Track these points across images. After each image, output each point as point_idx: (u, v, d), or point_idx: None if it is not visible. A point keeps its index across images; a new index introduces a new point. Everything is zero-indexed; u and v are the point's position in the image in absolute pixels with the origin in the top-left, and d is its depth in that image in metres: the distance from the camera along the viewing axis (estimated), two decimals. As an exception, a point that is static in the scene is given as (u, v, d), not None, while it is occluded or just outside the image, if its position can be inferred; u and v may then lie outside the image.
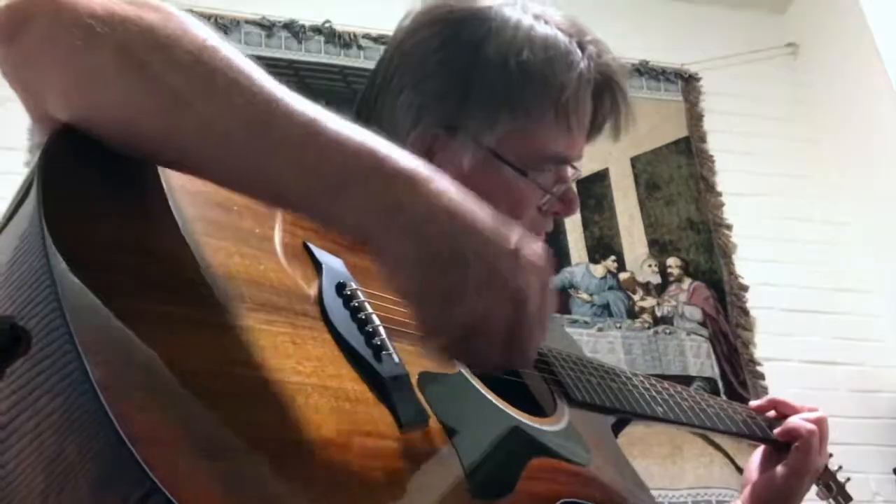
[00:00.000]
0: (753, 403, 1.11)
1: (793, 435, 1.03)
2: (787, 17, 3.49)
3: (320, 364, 0.54)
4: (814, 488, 1.12)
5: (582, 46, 0.86)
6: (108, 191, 0.51)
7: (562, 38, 0.85)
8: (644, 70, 3.20)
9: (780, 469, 1.03)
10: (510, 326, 0.55)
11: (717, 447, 2.52)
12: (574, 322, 2.72)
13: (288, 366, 0.51)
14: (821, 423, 1.05)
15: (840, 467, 1.17)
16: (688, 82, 3.23)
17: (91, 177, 0.51)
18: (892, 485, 2.66)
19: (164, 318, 0.46)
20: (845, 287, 2.99)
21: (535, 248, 0.57)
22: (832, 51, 3.27)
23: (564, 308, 2.74)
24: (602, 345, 2.70)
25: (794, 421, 1.05)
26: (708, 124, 3.17)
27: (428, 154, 0.82)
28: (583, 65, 0.85)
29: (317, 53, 2.89)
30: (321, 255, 0.64)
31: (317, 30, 2.91)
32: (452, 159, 0.82)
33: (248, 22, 2.86)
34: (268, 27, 2.87)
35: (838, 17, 3.22)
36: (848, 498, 1.16)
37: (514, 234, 0.56)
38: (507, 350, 0.56)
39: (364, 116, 0.88)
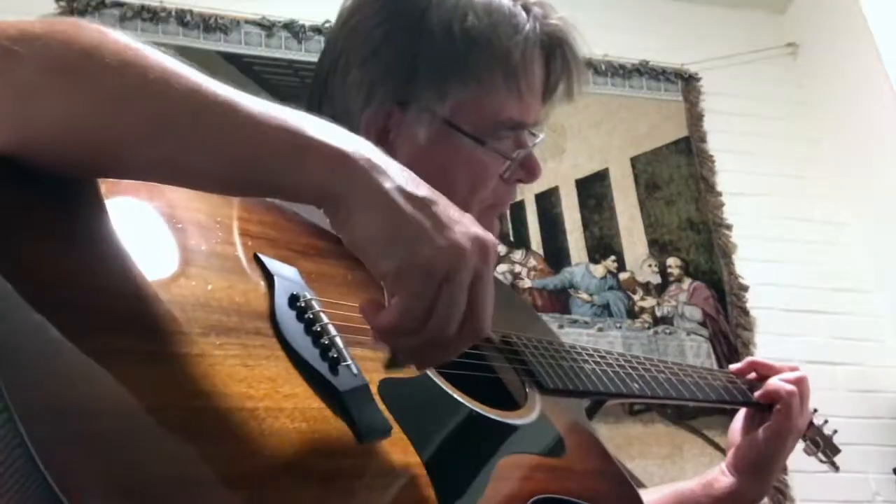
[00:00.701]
0: (733, 367, 1.11)
1: (773, 397, 1.03)
2: (787, 17, 3.49)
3: (274, 385, 0.51)
4: (801, 445, 1.11)
5: (527, 9, 0.85)
6: (45, 221, 0.49)
7: (505, 1, 0.84)
8: (644, 70, 3.19)
9: (762, 431, 1.03)
10: (473, 278, 0.53)
11: (717, 447, 2.52)
12: (574, 322, 2.71)
13: (239, 391, 0.49)
14: (800, 382, 1.05)
15: (826, 421, 1.16)
16: (688, 82, 3.23)
17: (25, 207, 0.48)
18: (892, 485, 2.65)
19: (105, 354, 0.43)
20: (845, 287, 2.99)
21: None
22: (832, 51, 3.27)
23: (564, 308, 2.74)
24: (602, 345, 2.69)
25: (773, 383, 1.05)
26: (708, 124, 3.16)
27: (383, 132, 0.81)
28: (528, 27, 0.84)
29: (317, 53, 2.86)
30: (273, 265, 0.61)
31: (317, 30, 2.91)
32: (409, 134, 0.81)
33: (248, 22, 2.86)
34: (268, 27, 2.87)
35: (838, 17, 3.22)
36: (836, 450, 1.16)
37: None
38: (467, 319, 0.54)
39: (315, 104, 0.86)
